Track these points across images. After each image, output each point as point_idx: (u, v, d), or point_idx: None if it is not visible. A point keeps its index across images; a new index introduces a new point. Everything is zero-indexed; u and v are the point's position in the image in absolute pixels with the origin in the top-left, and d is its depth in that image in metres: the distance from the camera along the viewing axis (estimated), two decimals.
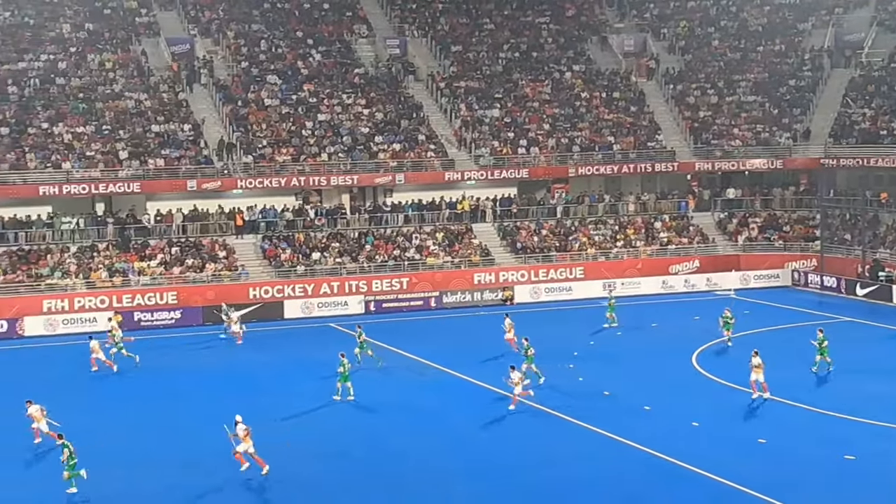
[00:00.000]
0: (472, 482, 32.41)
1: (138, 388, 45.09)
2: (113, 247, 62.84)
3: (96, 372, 47.81)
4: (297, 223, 67.47)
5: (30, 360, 51.51)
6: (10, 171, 63.36)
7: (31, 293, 58.47)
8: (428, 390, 43.86)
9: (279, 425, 38.64)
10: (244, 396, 42.72)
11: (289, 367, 48.36)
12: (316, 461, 34.93)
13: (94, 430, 37.52)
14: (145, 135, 68.23)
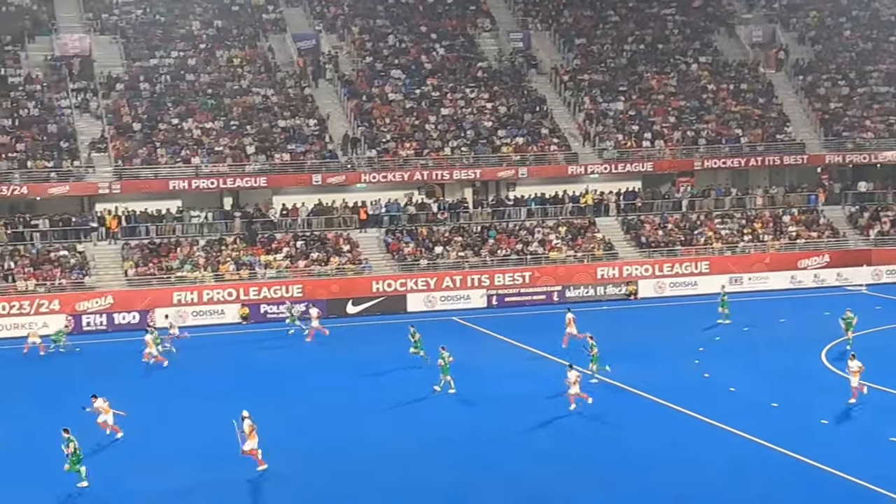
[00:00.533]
0: (600, 480, 32.11)
1: (267, 379, 45.65)
2: (240, 240, 63.90)
3: (150, 363, 48.28)
4: (420, 217, 67.78)
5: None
6: (142, 166, 64.85)
7: (162, 285, 59.71)
8: (546, 384, 43.61)
9: (380, 416, 39.12)
10: (359, 385, 43.44)
11: (408, 359, 48.52)
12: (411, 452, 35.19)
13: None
14: (272, 130, 69.23)
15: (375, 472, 33.10)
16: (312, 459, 34.44)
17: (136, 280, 59.82)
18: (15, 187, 62.06)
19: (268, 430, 33.97)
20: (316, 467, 33.69)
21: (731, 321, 54.84)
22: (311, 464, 33.99)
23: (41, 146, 64.85)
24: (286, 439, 35.78)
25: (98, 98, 69.53)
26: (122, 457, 35.06)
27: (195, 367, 48.26)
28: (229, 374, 47.05)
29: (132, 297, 58.62)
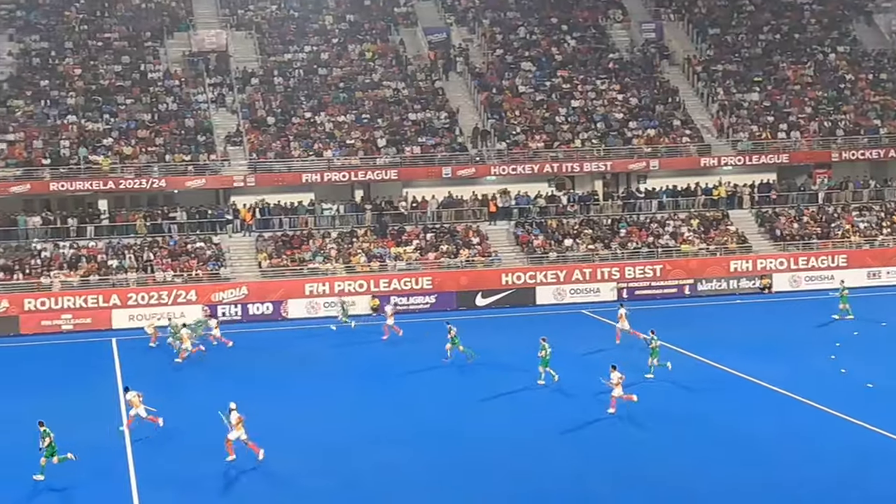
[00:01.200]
0: (733, 473, 31.64)
1: (383, 368, 46.02)
2: (371, 232, 64.53)
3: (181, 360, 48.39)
4: (550, 210, 67.55)
5: (291, 339, 53.47)
6: (275, 159, 65.92)
7: (295, 277, 60.62)
8: (682, 379, 43.13)
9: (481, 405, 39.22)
10: (472, 376, 43.62)
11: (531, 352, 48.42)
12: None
13: (365, 405, 38.69)
14: (402, 123, 69.74)
15: (493, 461, 33.23)
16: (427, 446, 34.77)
17: (270, 271, 60.86)
18: (154, 180, 63.68)
19: (389, 417, 34.13)
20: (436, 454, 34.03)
21: (854, 316, 53.46)
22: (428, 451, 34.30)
23: (179, 140, 66.43)
24: (402, 427, 36.50)
25: (234, 92, 70.95)
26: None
27: (323, 354, 48.80)
28: (356, 362, 47.58)
29: (266, 288, 59.64)
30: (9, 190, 62.15)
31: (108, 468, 33.13)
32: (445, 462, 33.35)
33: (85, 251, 60.86)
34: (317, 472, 32.54)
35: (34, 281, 58.12)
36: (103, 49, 73.43)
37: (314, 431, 36.64)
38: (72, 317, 56.38)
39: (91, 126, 66.78)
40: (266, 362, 48.02)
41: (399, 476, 32.11)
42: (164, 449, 35.11)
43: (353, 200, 66.89)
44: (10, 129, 65.80)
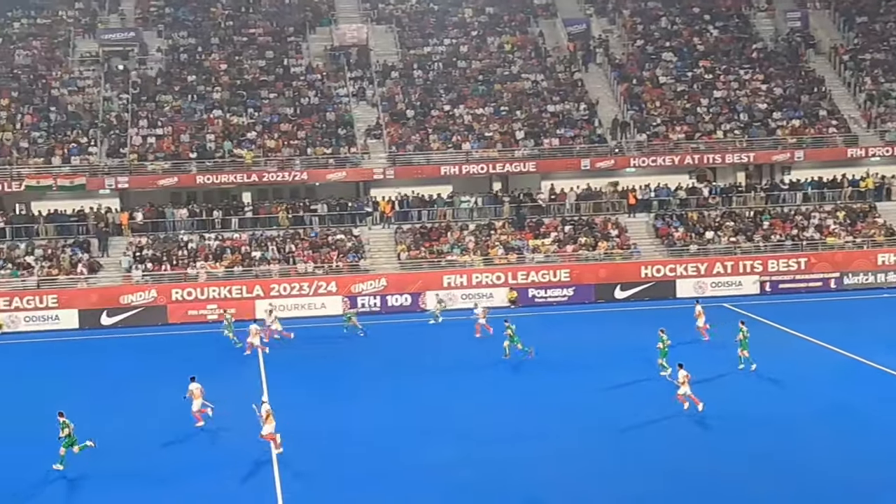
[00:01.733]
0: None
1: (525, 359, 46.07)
2: (509, 224, 64.57)
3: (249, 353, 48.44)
4: (691, 201, 66.67)
5: (428, 333, 53.84)
6: (415, 152, 66.43)
7: (433, 269, 61.03)
8: (825, 372, 42.20)
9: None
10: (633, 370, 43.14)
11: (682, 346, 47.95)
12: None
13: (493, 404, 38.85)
14: (541, 115, 69.61)
15: (642, 451, 33.03)
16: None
17: (408, 263, 61.38)
18: (296, 173, 64.78)
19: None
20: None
21: None
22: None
23: (320, 133, 67.44)
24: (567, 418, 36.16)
25: (374, 86, 71.73)
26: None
27: (462, 349, 48.99)
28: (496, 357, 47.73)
29: (404, 279, 60.18)
30: (158, 183, 63.95)
31: (251, 456, 33.98)
32: (601, 454, 33.38)
33: (229, 242, 62.29)
34: (460, 462, 32.77)
35: (181, 271, 59.70)
36: (248, 44, 74.99)
37: (456, 420, 36.91)
38: (216, 307, 57.75)
39: (236, 120, 68.26)
40: (405, 353, 48.48)
41: (545, 468, 32.16)
42: (309, 438, 35.75)
43: (491, 192, 67.04)
44: (159, 124, 67.68)
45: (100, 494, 31.04)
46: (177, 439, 35.84)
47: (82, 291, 58.30)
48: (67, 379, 45.09)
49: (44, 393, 42.13)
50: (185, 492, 31.01)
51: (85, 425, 34.19)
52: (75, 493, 31.23)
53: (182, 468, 33.09)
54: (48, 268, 59.64)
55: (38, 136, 66.01)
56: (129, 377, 44.95)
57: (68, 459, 32.79)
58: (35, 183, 62.60)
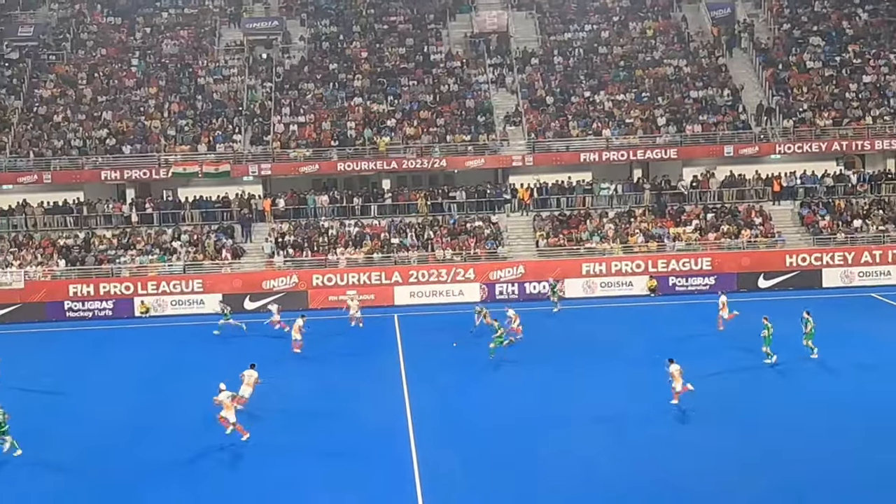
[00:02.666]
0: None
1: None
2: (649, 212, 63.79)
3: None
4: (838, 189, 64.93)
5: (569, 321, 53.52)
6: (554, 138, 66.07)
7: (571, 256, 60.63)
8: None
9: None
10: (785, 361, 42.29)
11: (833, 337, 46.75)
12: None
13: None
14: (683, 101, 68.56)
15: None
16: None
17: (547, 251, 61.10)
18: (435, 160, 65.02)
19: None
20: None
21: None
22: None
23: (459, 121, 67.54)
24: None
25: (513, 73, 71.52)
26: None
27: (602, 337, 48.55)
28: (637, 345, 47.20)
29: (542, 267, 59.90)
30: (299, 170, 64.88)
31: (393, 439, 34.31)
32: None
33: (369, 229, 62.85)
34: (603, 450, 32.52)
35: (321, 258, 60.46)
36: (388, 32, 75.50)
37: (598, 407, 36.69)
38: (356, 293, 58.38)
39: (376, 108, 68.81)
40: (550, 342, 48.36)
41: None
42: (450, 428, 35.94)
43: (631, 180, 66.32)
44: (301, 112, 68.63)
45: (258, 467, 31.68)
46: (317, 418, 36.36)
47: (226, 276, 59.50)
48: (212, 361, 45.96)
49: (187, 373, 43.19)
50: (329, 468, 31.50)
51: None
52: (236, 466, 31.92)
53: (324, 447, 33.64)
54: (193, 253, 61.03)
55: (184, 124, 67.56)
56: (273, 358, 45.73)
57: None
58: (181, 170, 64.11)
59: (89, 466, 32.94)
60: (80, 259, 60.37)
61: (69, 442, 35.44)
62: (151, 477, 31.65)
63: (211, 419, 34.52)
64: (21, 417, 35.16)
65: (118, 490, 30.67)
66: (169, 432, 35.94)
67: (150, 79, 71.12)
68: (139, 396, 40.80)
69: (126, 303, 58.42)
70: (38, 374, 44.92)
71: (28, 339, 53.54)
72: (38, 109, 68.68)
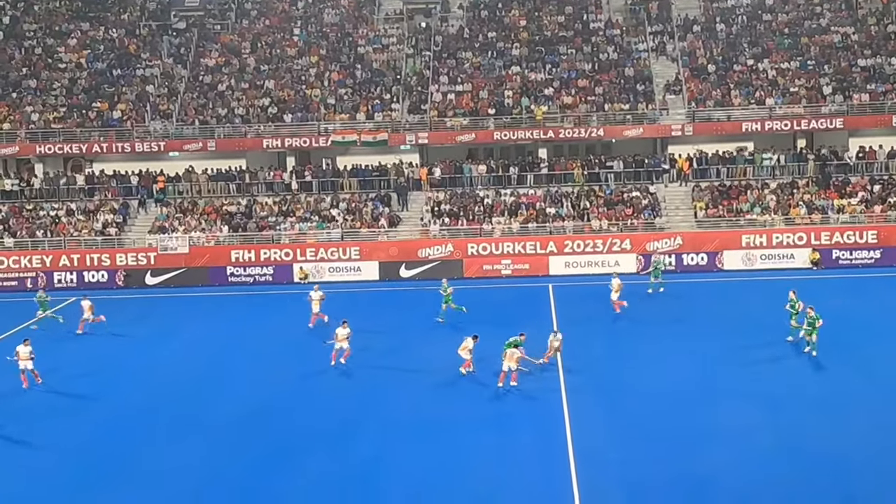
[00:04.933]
0: None
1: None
2: (813, 183, 62.18)
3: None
4: None
5: (728, 293, 52.63)
6: (714, 107, 64.86)
7: (731, 228, 59.54)
8: None
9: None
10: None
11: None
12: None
13: None
14: (850, 69, 66.51)
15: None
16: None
17: (706, 222, 60.11)
18: (592, 129, 64.50)
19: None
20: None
21: None
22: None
23: (618, 89, 66.81)
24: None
25: (674, 40, 70.40)
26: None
27: (762, 310, 47.58)
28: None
29: (701, 238, 58.98)
30: (456, 139, 65.10)
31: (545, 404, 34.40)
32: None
33: (524, 199, 62.75)
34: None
35: (477, 227, 60.63)
36: (547, 0, 74.94)
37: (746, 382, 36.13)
38: (511, 262, 58.41)
39: (533, 76, 68.53)
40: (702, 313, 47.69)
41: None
42: (602, 394, 35.94)
43: (794, 150, 64.70)
44: (459, 80, 68.77)
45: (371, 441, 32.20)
46: (471, 384, 36.61)
47: (383, 244, 60.18)
48: (370, 325, 46.54)
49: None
50: (477, 441, 31.67)
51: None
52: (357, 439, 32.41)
53: (471, 418, 33.85)
54: (351, 220, 61.86)
55: (343, 92, 68.40)
56: (426, 327, 46.19)
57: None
58: (341, 138, 64.97)
59: (252, 427, 33.79)
60: (241, 225, 61.80)
61: (234, 400, 36.45)
62: (308, 441, 32.36)
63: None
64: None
65: (280, 453, 31.36)
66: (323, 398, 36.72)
67: (310, 48, 72.19)
68: (296, 363, 41.57)
69: (285, 269, 59.62)
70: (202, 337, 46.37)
71: (193, 301, 55.26)
72: (203, 78, 70.42)
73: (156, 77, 70.90)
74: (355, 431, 32.96)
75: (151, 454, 31.68)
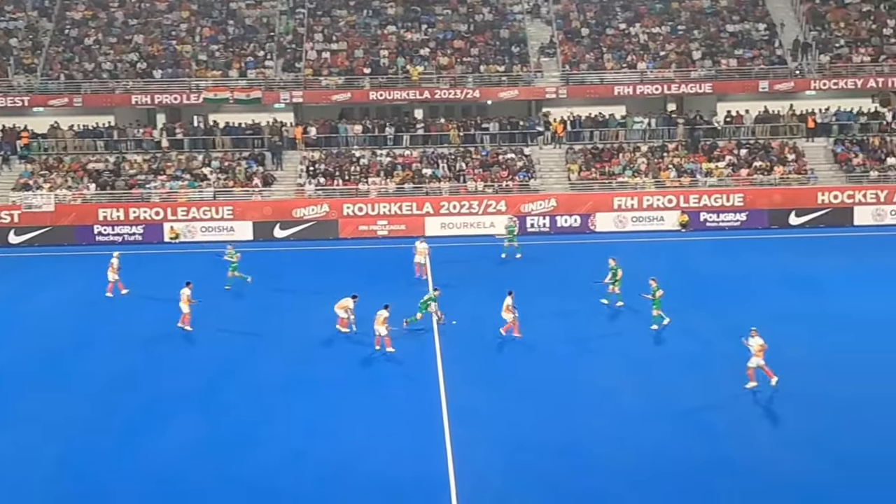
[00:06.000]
0: None
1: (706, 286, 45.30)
2: (682, 147, 63.34)
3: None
4: (873, 126, 64.25)
5: (601, 254, 53.33)
6: (588, 71, 65.51)
7: (603, 190, 60.35)
8: None
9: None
10: (813, 299, 42.44)
11: (861, 275, 46.65)
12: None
13: None
14: (719, 35, 67.78)
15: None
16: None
17: (579, 184, 60.84)
18: (468, 91, 64.64)
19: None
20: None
21: None
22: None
23: (493, 51, 67.00)
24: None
25: (549, 3, 70.79)
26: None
27: (633, 272, 48.39)
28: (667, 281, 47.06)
29: (574, 200, 59.70)
30: (331, 98, 64.64)
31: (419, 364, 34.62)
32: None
33: (400, 159, 62.68)
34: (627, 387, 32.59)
35: (352, 187, 60.42)
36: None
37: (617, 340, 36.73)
38: (387, 223, 58.41)
39: (409, 36, 68.33)
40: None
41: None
42: (471, 345, 36.31)
43: (665, 114, 65.78)
44: (334, 39, 68.22)
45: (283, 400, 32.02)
46: (347, 343, 36.59)
47: (257, 204, 59.59)
48: (244, 287, 46.14)
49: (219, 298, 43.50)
50: (352, 401, 31.77)
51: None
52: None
53: (345, 378, 34.05)
54: (224, 179, 61.08)
55: (216, 49, 67.29)
56: (310, 290, 45.90)
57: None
58: (213, 96, 63.97)
59: (120, 388, 33.29)
60: (109, 183, 60.56)
61: (99, 361, 35.85)
62: (179, 403, 32.05)
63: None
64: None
65: (151, 416, 31.00)
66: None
67: (181, 3, 70.71)
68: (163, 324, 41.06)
69: (156, 228, 58.66)
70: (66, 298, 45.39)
71: (59, 261, 54.01)
72: (69, 32, 68.56)
73: (19, 30, 68.75)
74: (229, 393, 32.75)
75: (14, 412, 31.15)
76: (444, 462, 27.12)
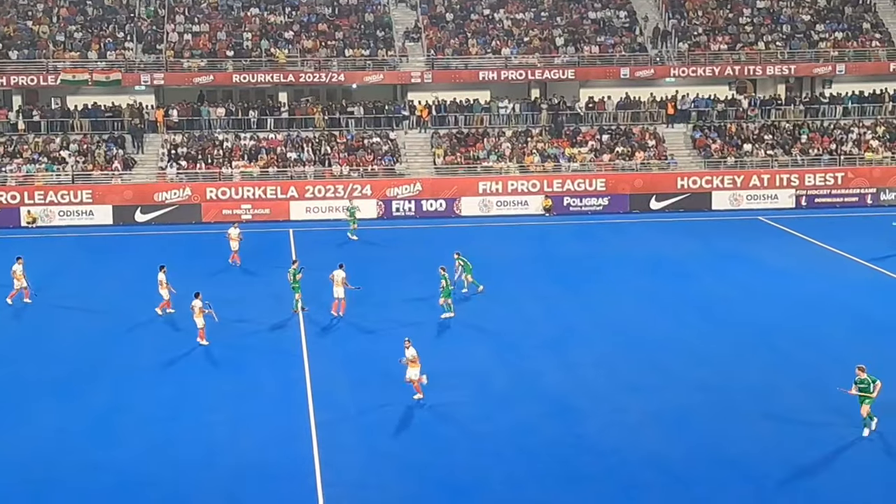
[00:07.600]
0: None
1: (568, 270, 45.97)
2: (546, 132, 64.13)
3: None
4: (730, 113, 65.93)
5: (466, 238, 53.77)
6: (453, 56, 65.82)
7: (469, 175, 60.77)
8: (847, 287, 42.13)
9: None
10: (670, 282, 43.37)
11: (716, 258, 47.91)
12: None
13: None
14: (582, 21, 68.72)
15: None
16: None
17: (444, 168, 61.17)
18: (333, 74, 64.38)
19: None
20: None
21: None
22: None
23: (358, 35, 66.86)
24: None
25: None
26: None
27: (497, 255, 48.87)
28: (531, 265, 47.65)
29: (440, 184, 60.00)
30: (193, 80, 63.74)
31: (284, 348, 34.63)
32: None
33: (265, 143, 62.19)
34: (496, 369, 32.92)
35: (216, 170, 59.76)
36: None
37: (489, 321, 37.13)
38: (251, 207, 57.96)
39: (273, 19, 67.76)
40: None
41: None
42: (340, 337, 36.35)
43: (528, 99, 66.49)
44: (196, 21, 67.27)
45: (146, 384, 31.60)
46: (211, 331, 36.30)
47: (117, 187, 58.55)
48: (103, 272, 45.28)
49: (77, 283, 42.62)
50: (217, 385, 31.56)
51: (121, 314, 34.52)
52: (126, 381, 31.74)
53: (210, 361, 33.93)
54: (83, 163, 59.85)
55: (74, 29, 65.79)
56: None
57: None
58: (71, 77, 62.53)
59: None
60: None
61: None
62: (38, 390, 31.40)
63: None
64: None
65: (7, 404, 30.32)
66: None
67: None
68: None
69: (12, 212, 57.24)
70: None
71: None
72: None
73: None
74: (91, 379, 32.16)
75: None
76: (310, 445, 27.07)
